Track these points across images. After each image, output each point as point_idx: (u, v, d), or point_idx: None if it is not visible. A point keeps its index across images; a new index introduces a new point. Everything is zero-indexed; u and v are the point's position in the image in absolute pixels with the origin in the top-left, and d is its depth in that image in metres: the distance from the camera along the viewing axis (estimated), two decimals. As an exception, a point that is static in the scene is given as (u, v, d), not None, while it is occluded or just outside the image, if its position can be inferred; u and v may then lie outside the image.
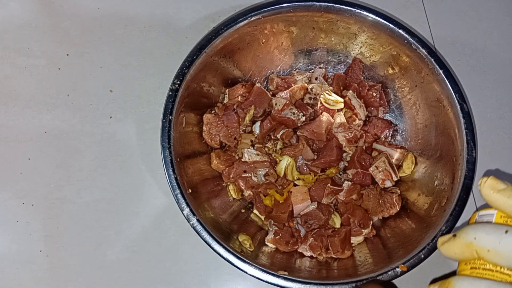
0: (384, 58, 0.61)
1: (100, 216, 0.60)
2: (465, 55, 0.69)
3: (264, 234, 0.57)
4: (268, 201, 0.58)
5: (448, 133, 0.55)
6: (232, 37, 0.57)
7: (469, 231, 0.34)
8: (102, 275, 0.58)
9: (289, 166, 0.58)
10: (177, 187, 0.51)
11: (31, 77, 0.65)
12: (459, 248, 0.35)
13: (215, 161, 0.59)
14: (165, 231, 0.60)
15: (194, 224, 0.50)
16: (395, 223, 0.58)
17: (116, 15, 0.69)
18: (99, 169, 0.62)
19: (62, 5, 0.69)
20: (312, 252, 0.56)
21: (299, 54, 0.65)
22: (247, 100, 0.60)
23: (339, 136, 0.59)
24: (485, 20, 0.71)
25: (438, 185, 0.55)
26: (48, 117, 0.64)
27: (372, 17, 0.57)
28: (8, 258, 0.58)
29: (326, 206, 0.58)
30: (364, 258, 0.55)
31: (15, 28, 0.67)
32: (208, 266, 0.59)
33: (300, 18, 0.59)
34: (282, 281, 0.48)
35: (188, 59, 0.55)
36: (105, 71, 0.66)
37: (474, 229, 0.34)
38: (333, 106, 0.59)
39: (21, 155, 0.62)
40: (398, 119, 0.64)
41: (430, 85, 0.57)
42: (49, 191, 0.61)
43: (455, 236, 0.35)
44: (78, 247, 0.59)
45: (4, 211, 0.60)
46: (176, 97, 0.53)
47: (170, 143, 0.52)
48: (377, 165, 0.58)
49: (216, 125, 0.60)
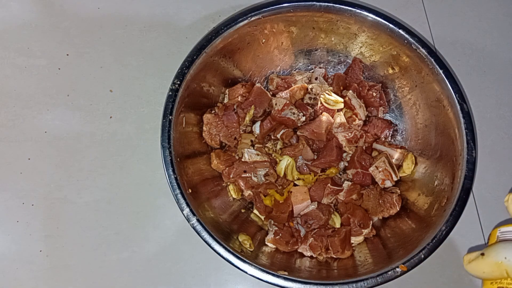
0: (384, 58, 0.61)
1: (100, 216, 0.60)
2: (465, 55, 0.69)
3: (264, 234, 0.57)
4: (268, 201, 0.58)
5: (448, 133, 0.55)
6: (232, 37, 0.57)
7: (499, 250, 0.34)
8: (102, 275, 0.58)
9: (289, 166, 0.58)
10: (177, 187, 0.51)
11: (31, 77, 0.65)
12: (488, 267, 0.35)
13: (215, 161, 0.59)
14: (165, 231, 0.60)
15: (194, 224, 0.50)
16: (395, 223, 0.58)
17: (116, 15, 0.69)
18: (99, 169, 0.62)
19: (62, 5, 0.69)
20: (312, 252, 0.56)
21: (299, 54, 0.65)
22: (247, 100, 0.60)
23: (339, 136, 0.59)
24: (485, 20, 0.71)
25: (438, 185, 0.55)
26: (48, 117, 0.64)
27: (372, 17, 0.57)
28: (8, 258, 0.58)
29: (326, 206, 0.58)
30: (364, 258, 0.55)
31: (15, 28, 0.67)
32: (208, 266, 0.59)
33: (300, 18, 0.59)
34: (282, 281, 0.48)
35: (188, 59, 0.55)
36: (105, 71, 0.66)
37: (504, 248, 0.34)
38: (333, 106, 0.59)
39: (21, 155, 0.62)
40: (398, 119, 0.64)
41: (430, 85, 0.57)
42: (49, 191, 0.61)
43: (483, 255, 0.35)
44: (78, 247, 0.59)
45: (4, 211, 0.60)
46: (176, 97, 0.53)
47: (170, 143, 0.52)
48: (377, 165, 0.58)
49: (216, 125, 0.60)
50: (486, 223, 0.62)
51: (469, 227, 0.61)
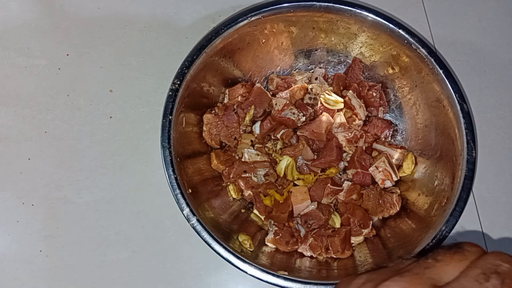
0: (384, 58, 0.61)
1: (100, 216, 0.60)
2: (465, 55, 0.69)
3: (264, 234, 0.57)
4: (268, 201, 0.58)
5: (448, 133, 0.55)
6: (232, 37, 0.57)
7: None
8: (102, 275, 0.58)
9: (289, 166, 0.58)
10: (177, 187, 0.51)
11: (31, 77, 0.65)
12: None
13: (215, 161, 0.59)
14: (165, 231, 0.60)
15: (194, 224, 0.50)
16: (395, 223, 0.58)
17: (116, 15, 0.69)
18: (99, 169, 0.62)
19: (62, 5, 0.69)
20: (312, 252, 0.56)
21: (299, 54, 0.65)
22: (247, 100, 0.60)
23: (339, 136, 0.59)
24: (485, 20, 0.71)
25: (438, 185, 0.55)
26: (48, 117, 0.64)
27: (372, 17, 0.57)
28: (8, 258, 0.58)
29: (326, 206, 0.58)
30: (364, 258, 0.55)
31: (15, 28, 0.67)
32: (208, 266, 0.59)
33: (300, 18, 0.59)
34: (282, 281, 0.48)
35: (188, 59, 0.55)
36: (105, 71, 0.66)
37: None
38: (333, 106, 0.59)
39: (21, 155, 0.62)
40: (398, 119, 0.64)
41: (430, 85, 0.57)
42: (49, 191, 0.61)
43: None
44: (78, 247, 0.59)
45: (4, 211, 0.60)
46: (176, 97, 0.53)
47: (170, 143, 0.52)
48: (377, 165, 0.58)
49: (216, 125, 0.60)
50: (486, 223, 0.62)
51: (469, 227, 0.61)
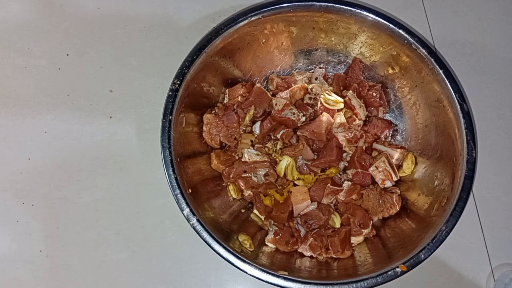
0: (384, 58, 0.61)
1: (100, 216, 0.60)
2: (465, 55, 0.69)
3: (264, 234, 0.57)
4: (268, 201, 0.58)
5: (448, 133, 0.55)
6: (232, 37, 0.57)
7: None
8: (102, 275, 0.58)
9: (289, 166, 0.58)
10: (177, 187, 0.51)
11: (31, 77, 0.65)
12: None
13: (215, 161, 0.59)
14: (165, 231, 0.60)
15: (194, 224, 0.50)
16: (395, 223, 0.58)
17: (116, 15, 0.69)
18: (99, 169, 0.62)
19: (62, 5, 0.69)
20: (312, 252, 0.56)
21: (299, 54, 0.65)
22: (247, 100, 0.60)
23: (339, 136, 0.59)
24: (485, 20, 0.71)
25: (438, 185, 0.55)
26: (48, 117, 0.64)
27: (372, 17, 0.57)
28: (8, 258, 0.58)
29: (326, 206, 0.58)
30: (364, 258, 0.55)
31: (15, 28, 0.67)
32: (208, 266, 0.59)
33: (300, 18, 0.59)
34: (282, 281, 0.48)
35: (188, 59, 0.55)
36: (105, 71, 0.66)
37: None
38: (333, 106, 0.59)
39: (21, 155, 0.62)
40: (398, 119, 0.64)
41: (430, 85, 0.57)
42: (49, 191, 0.61)
43: None
44: (78, 247, 0.59)
45: (4, 211, 0.60)
46: (176, 97, 0.53)
47: (170, 143, 0.52)
48: (377, 165, 0.58)
49: (216, 125, 0.60)
50: (486, 223, 0.62)
51: (469, 227, 0.61)
